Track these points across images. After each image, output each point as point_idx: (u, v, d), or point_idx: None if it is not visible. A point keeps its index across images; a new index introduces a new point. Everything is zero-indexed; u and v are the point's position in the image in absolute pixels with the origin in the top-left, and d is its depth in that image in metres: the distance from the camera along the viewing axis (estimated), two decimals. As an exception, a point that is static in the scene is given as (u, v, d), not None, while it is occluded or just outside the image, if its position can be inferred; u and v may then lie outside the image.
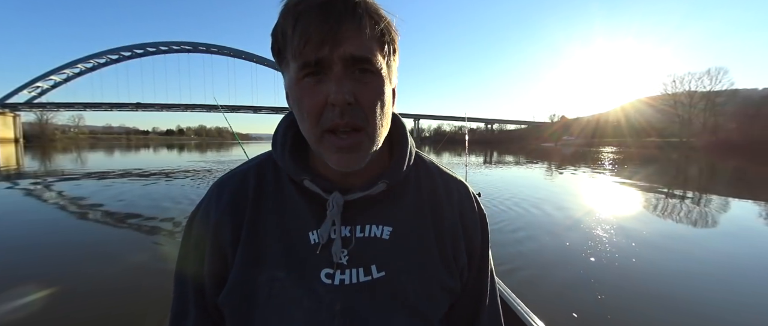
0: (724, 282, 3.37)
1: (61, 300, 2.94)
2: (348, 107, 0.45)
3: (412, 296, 0.54)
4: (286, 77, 0.50)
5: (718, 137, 48.92)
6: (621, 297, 3.02)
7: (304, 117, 0.47)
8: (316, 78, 0.45)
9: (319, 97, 0.45)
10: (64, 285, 3.20)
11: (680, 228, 5.58)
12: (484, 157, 27.04)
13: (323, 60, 0.44)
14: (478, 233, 0.62)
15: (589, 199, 8.17)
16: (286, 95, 0.52)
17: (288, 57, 0.46)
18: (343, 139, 0.46)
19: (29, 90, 76.28)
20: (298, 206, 0.54)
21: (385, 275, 0.53)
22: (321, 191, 0.52)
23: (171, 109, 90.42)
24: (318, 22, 0.43)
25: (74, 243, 4.60)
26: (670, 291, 3.17)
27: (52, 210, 6.65)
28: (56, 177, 11.67)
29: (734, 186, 11.55)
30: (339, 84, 0.44)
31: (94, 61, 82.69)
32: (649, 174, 14.36)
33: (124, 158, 23.15)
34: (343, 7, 0.44)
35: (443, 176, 0.63)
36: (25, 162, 19.44)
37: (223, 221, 0.54)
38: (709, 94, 54.70)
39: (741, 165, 19.52)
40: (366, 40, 0.45)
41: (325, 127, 0.46)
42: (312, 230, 0.53)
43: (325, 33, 0.43)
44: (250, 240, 0.53)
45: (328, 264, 0.52)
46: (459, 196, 0.62)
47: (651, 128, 67.46)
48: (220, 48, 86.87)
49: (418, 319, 0.54)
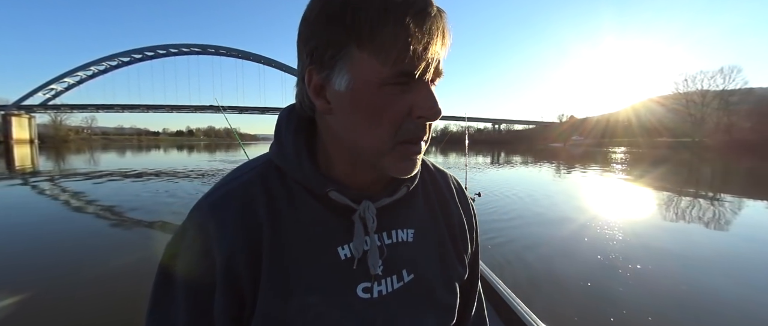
0: (736, 283, 3.32)
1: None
2: None
3: (439, 292, 0.55)
4: (342, 72, 0.42)
5: (733, 137, 47.86)
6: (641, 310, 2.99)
7: (380, 125, 0.43)
8: (403, 87, 0.42)
9: (404, 106, 0.42)
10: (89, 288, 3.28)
11: (697, 231, 5.49)
12: (492, 157, 26.90)
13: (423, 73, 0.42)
14: (473, 222, 0.64)
15: (601, 207, 8.07)
16: (318, 88, 0.45)
17: (364, 53, 0.41)
18: (417, 147, 0.45)
19: (44, 92, 77.98)
20: (322, 221, 0.49)
21: (414, 277, 0.53)
22: (350, 201, 0.48)
23: (181, 111, 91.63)
24: (426, 32, 0.40)
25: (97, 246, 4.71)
26: (687, 295, 3.13)
27: (65, 208, 6.80)
28: (72, 177, 11.92)
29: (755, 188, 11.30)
30: (433, 98, 0.43)
31: (107, 64, 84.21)
32: (663, 176, 14.11)
33: (137, 159, 23.55)
34: (439, 20, 0.42)
35: (440, 172, 0.64)
36: (40, 162, 19.91)
37: (235, 256, 0.45)
38: (723, 92, 53.60)
39: (758, 166, 19.10)
40: (444, 56, 0.44)
41: (403, 138, 0.43)
42: (340, 245, 0.49)
43: (433, 48, 0.41)
44: (274, 270, 0.46)
45: (364, 277, 0.49)
46: (459, 190, 0.64)
47: (663, 128, 66.28)
48: (228, 50, 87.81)
49: (446, 313, 0.56)
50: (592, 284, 3.24)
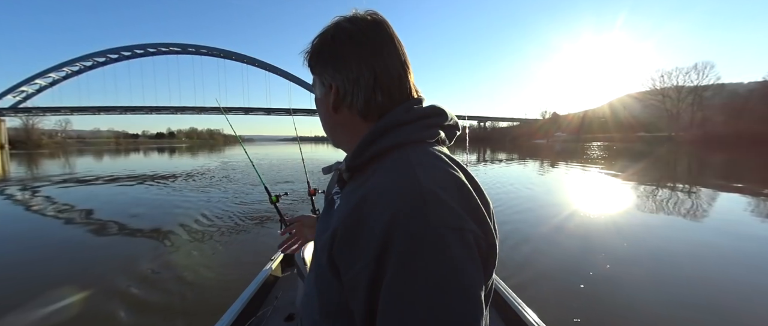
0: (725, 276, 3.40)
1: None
2: None
3: None
4: None
5: (706, 131, 49.77)
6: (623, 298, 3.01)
7: None
8: None
9: None
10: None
11: (681, 223, 5.63)
12: (477, 154, 27.14)
13: None
14: None
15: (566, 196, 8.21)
16: None
17: None
18: None
19: (14, 94, 74.42)
20: None
21: None
22: None
23: (160, 112, 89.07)
24: None
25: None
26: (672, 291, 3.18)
27: (45, 219, 6.47)
28: (47, 185, 11.39)
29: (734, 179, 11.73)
30: None
31: (81, 65, 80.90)
32: (646, 173, 14.47)
33: (122, 162, 22.73)
34: None
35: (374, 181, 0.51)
36: (11, 168, 18.98)
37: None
38: (697, 88, 55.72)
39: (733, 157, 19.89)
40: None
41: None
42: None
43: None
44: None
45: None
46: None
47: (638, 123, 68.48)
48: (209, 49, 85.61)
49: None
50: (594, 283, 3.26)
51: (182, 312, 2.84)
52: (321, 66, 0.58)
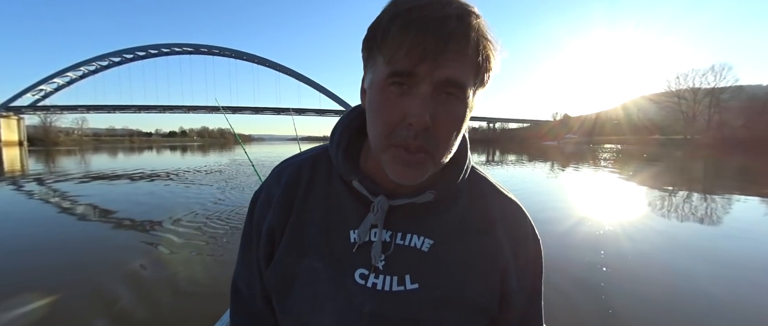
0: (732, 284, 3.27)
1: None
2: (424, 131, 0.43)
3: (445, 315, 0.52)
4: (368, 74, 0.48)
5: (724, 134, 48.47)
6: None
7: (378, 123, 0.46)
8: (402, 89, 0.44)
9: (399, 110, 0.44)
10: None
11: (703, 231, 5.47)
12: (486, 155, 26.89)
13: (416, 74, 0.42)
14: (530, 260, 0.58)
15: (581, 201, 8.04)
16: (362, 91, 0.52)
17: (380, 57, 0.45)
18: (410, 154, 0.45)
19: (33, 93, 76.58)
20: (345, 203, 0.56)
21: (418, 288, 0.52)
22: (368, 193, 0.53)
23: (173, 111, 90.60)
24: (425, 35, 0.40)
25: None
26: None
27: (66, 214, 6.61)
28: (65, 180, 11.66)
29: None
30: (423, 106, 0.42)
31: (97, 64, 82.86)
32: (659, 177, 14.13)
33: (134, 160, 23.18)
34: (456, 26, 0.41)
35: (498, 196, 0.60)
36: (30, 164, 19.50)
37: (277, 205, 0.57)
38: (714, 90, 54.18)
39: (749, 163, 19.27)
40: (465, 66, 0.43)
41: (394, 141, 0.45)
42: (354, 229, 0.54)
43: (428, 50, 0.41)
44: (296, 227, 0.56)
45: (364, 264, 0.53)
46: (514, 220, 0.59)
47: (653, 126, 66.99)
48: (221, 49, 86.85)
49: None
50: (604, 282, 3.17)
51: (180, 312, 2.86)
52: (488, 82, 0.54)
